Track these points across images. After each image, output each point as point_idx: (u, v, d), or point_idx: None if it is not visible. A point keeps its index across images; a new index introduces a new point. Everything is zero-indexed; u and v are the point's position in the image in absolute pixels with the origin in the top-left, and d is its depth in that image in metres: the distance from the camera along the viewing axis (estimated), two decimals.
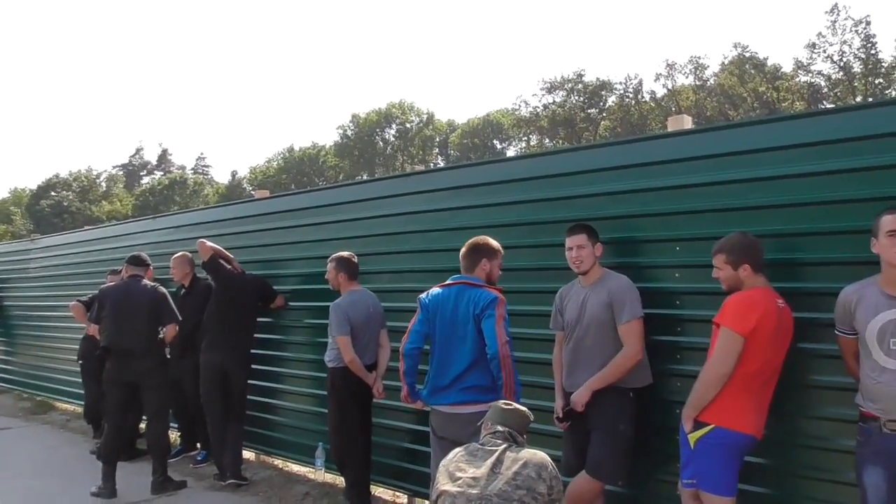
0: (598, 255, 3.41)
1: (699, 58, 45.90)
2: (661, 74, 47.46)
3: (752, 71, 41.78)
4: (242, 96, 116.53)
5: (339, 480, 4.83)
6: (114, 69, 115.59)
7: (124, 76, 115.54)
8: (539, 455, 2.59)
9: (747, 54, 42.08)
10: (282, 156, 65.92)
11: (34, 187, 63.50)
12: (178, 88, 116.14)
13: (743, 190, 3.20)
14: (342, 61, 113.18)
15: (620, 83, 48.43)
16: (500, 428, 2.69)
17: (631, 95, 48.11)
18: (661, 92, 47.39)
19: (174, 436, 6.01)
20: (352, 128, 61.66)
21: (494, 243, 3.64)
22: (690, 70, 45.37)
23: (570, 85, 48.93)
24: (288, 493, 4.99)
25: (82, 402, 7.29)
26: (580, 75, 48.65)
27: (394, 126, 62.53)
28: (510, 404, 2.82)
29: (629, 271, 3.44)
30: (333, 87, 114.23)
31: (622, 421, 3.27)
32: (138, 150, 74.16)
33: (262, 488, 5.16)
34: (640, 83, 48.07)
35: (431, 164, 57.59)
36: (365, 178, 48.70)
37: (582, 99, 49.28)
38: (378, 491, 4.77)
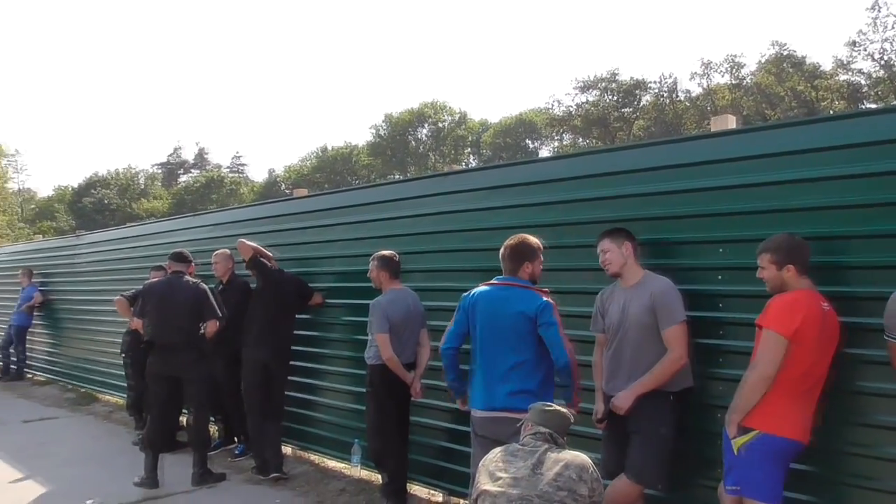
0: (627, 254, 3.38)
1: (736, 56, 45.09)
2: (696, 73, 46.77)
3: (791, 69, 40.89)
4: (277, 96, 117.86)
5: (376, 477, 4.88)
6: (153, 70, 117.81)
7: (163, 77, 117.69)
8: (580, 457, 2.59)
9: (785, 52, 41.22)
10: (315, 155, 66.54)
11: (76, 185, 65.12)
12: (215, 89, 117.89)
13: (788, 191, 3.15)
14: (376, 61, 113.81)
15: (655, 82, 47.87)
16: (540, 429, 2.69)
17: (666, 94, 47.52)
18: (696, 91, 46.71)
19: (213, 429, 6.12)
20: (385, 127, 61.98)
21: (535, 241, 3.62)
22: (727, 69, 44.61)
23: (603, 84, 48.49)
24: (325, 489, 5.05)
25: (125, 395, 7.48)
26: (614, 74, 48.19)
27: (426, 126, 62.69)
28: (551, 406, 2.82)
29: (671, 273, 3.41)
30: (367, 87, 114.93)
31: (663, 424, 3.25)
32: (176, 149, 75.51)
33: (298, 483, 5.23)
34: (675, 82, 47.43)
35: (464, 164, 57.56)
36: (398, 177, 48.93)
37: (616, 98, 48.80)
38: (414, 489, 4.80)
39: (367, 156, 62.93)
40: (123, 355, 7.02)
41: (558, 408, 2.82)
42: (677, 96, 47.50)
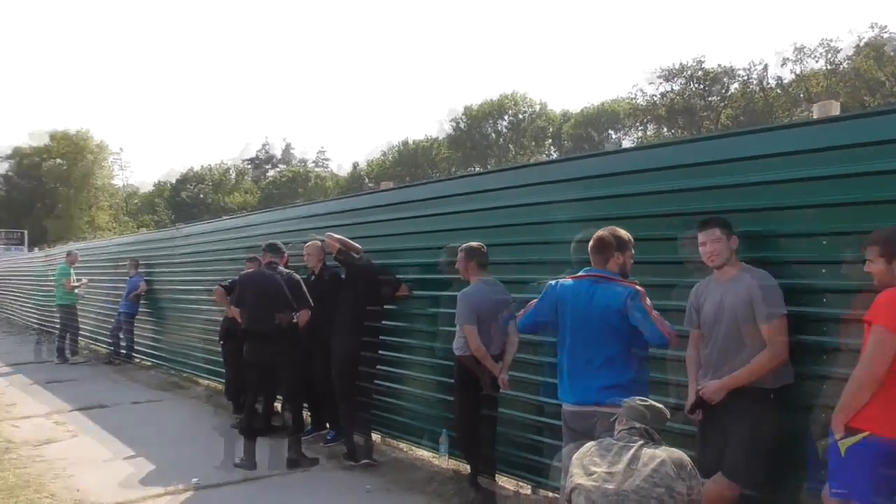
0: (733, 249, 3.28)
1: (831, 40, 42.59)
2: (788, 59, 44.29)
3: (893, 53, 38.26)
4: (360, 92, 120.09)
5: (464, 467, 4.94)
6: (243, 69, 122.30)
7: (252, 75, 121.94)
8: (677, 453, 2.55)
9: (886, 35, 38.57)
10: (397, 149, 67.45)
11: (174, 180, 68.58)
12: (301, 86, 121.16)
13: None
14: (455, 53, 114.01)
15: (744, 69, 45.74)
16: (636, 424, 2.66)
17: (755, 82, 45.39)
18: (788, 77, 44.38)
19: (306, 415, 6.35)
20: (464, 120, 62.08)
21: (625, 234, 3.56)
22: (821, 53, 42.17)
23: (689, 72, 46.75)
24: (413, 477, 5.16)
25: (223, 380, 7.85)
26: (700, 62, 46.35)
27: (506, 117, 62.39)
28: (646, 401, 2.79)
29: (771, 267, 3.29)
30: (447, 80, 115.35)
31: (762, 422, 3.15)
32: (264, 145, 78.25)
33: (387, 471, 5.36)
34: (766, 69, 45.17)
35: (545, 156, 56.96)
36: (478, 169, 48.91)
37: (702, 86, 46.99)
38: (502, 480, 4.83)
39: (446, 149, 63.26)
40: (221, 342, 7.36)
41: (653, 403, 2.78)
42: (767, 83, 45.27)
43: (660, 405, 2.79)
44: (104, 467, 5.50)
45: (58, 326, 12.13)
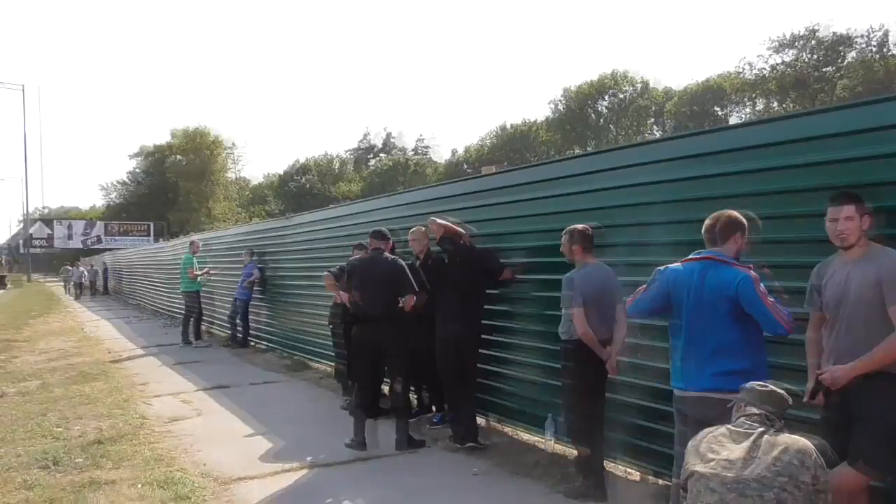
0: (864, 229, 3.04)
1: None
2: None
3: None
4: (459, 78, 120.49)
5: (570, 451, 4.89)
6: (344, 62, 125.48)
7: (353, 67, 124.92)
8: (801, 441, 2.40)
9: None
10: (495, 134, 67.20)
11: (282, 172, 71.60)
12: (401, 75, 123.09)
13: None
14: (554, 35, 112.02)
15: (862, 37, 42.32)
16: (755, 410, 2.53)
17: (874, 50, 41.83)
18: None
19: (413, 397, 6.47)
20: (563, 102, 61.01)
21: (740, 216, 3.41)
22: None
23: (801, 42, 43.73)
24: (519, 460, 5.16)
25: (333, 363, 8.14)
26: (813, 31, 43.24)
27: (607, 98, 60.78)
28: (766, 386, 2.65)
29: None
30: (545, 62, 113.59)
31: (893, 410, 2.92)
32: (365, 135, 79.95)
33: (494, 453, 5.38)
34: (886, 35, 41.56)
35: (646, 135, 55.06)
36: (578, 151, 47.99)
37: (816, 57, 43.83)
38: (610, 466, 4.75)
39: (545, 132, 62.43)
40: (331, 326, 7.63)
41: (774, 388, 2.64)
42: (888, 51, 41.63)
43: (781, 390, 2.64)
44: (226, 444, 5.84)
45: (183, 312, 12.97)
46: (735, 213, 3.41)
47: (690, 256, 3.46)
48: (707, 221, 3.44)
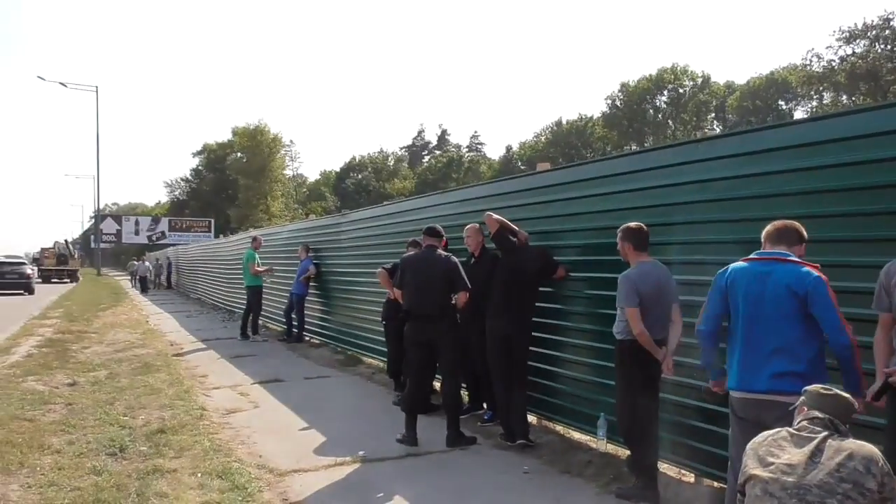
0: None
1: None
2: None
3: None
4: (513, 73, 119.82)
5: (623, 452, 4.82)
6: (398, 58, 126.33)
7: (408, 64, 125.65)
8: (867, 447, 2.30)
9: None
10: (550, 129, 66.66)
11: (338, 169, 72.66)
12: (455, 71, 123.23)
13: None
14: (611, 28, 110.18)
15: None
16: (818, 414, 2.43)
17: None
18: None
19: (463, 394, 6.48)
20: (621, 97, 60.05)
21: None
22: None
23: (874, 32, 41.82)
24: (571, 459, 5.11)
25: (385, 359, 8.22)
26: (888, 20, 41.29)
27: (665, 93, 59.54)
28: (830, 389, 2.54)
29: None
30: (602, 57, 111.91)
31: None
32: (420, 132, 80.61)
33: (544, 452, 5.35)
34: None
35: (706, 131, 53.70)
36: (635, 148, 47.14)
37: (889, 47, 41.84)
38: (663, 467, 4.66)
39: (602, 127, 61.58)
40: (384, 322, 7.70)
41: (839, 392, 2.53)
42: None
43: (846, 395, 2.53)
44: (281, 436, 5.97)
45: (243, 306, 13.28)
46: (799, 227, 3.34)
47: (752, 256, 3.36)
48: (772, 227, 3.36)
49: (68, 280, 40.29)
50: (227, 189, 56.60)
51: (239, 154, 55.10)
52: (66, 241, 44.13)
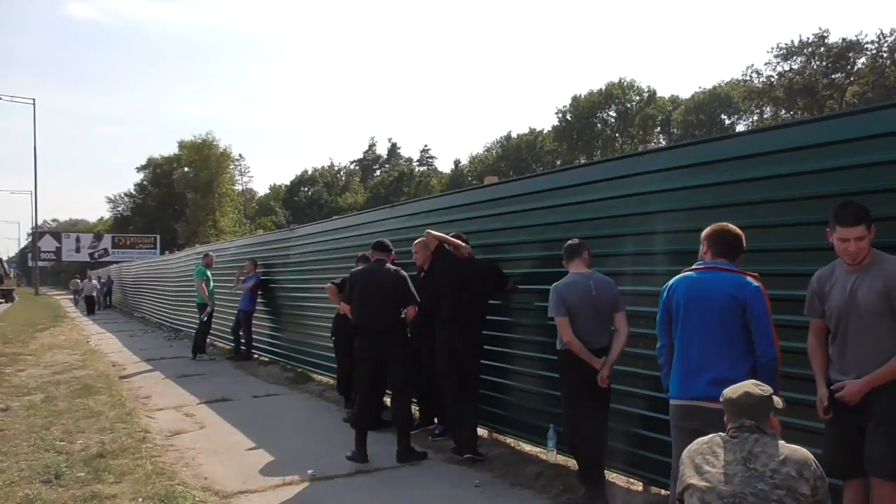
0: (871, 239, 2.99)
1: None
2: None
3: None
4: (463, 87, 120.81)
5: (572, 463, 4.85)
6: (350, 70, 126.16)
7: (359, 76, 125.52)
8: (800, 451, 2.36)
9: None
10: (500, 143, 67.34)
11: (288, 183, 71.88)
12: (404, 85, 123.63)
13: None
14: (560, 43, 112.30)
15: (872, 42, 42.27)
16: (745, 421, 2.47)
17: (885, 55, 41.75)
18: None
19: (414, 409, 6.44)
20: (572, 111, 61.08)
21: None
22: None
23: (810, 49, 43.70)
24: (521, 472, 5.12)
25: (335, 375, 8.12)
26: (822, 37, 43.20)
27: (613, 107, 60.86)
28: (738, 390, 2.56)
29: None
30: (552, 71, 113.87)
31: None
32: (371, 146, 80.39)
33: (495, 465, 5.34)
34: None
35: (652, 144, 55.10)
36: (584, 161, 47.99)
37: (825, 63, 43.76)
38: (612, 476, 4.71)
39: (551, 141, 62.50)
40: (333, 338, 7.61)
41: (748, 390, 2.52)
42: None
43: (758, 390, 2.52)
44: (228, 457, 5.82)
45: (191, 325, 12.92)
46: (736, 228, 3.41)
47: (694, 266, 3.44)
48: (720, 232, 3.40)
49: (3, 300, 38.66)
50: (174, 204, 55.30)
51: (186, 168, 53.92)
52: (0, 259, 42.42)
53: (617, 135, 60.00)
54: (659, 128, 61.41)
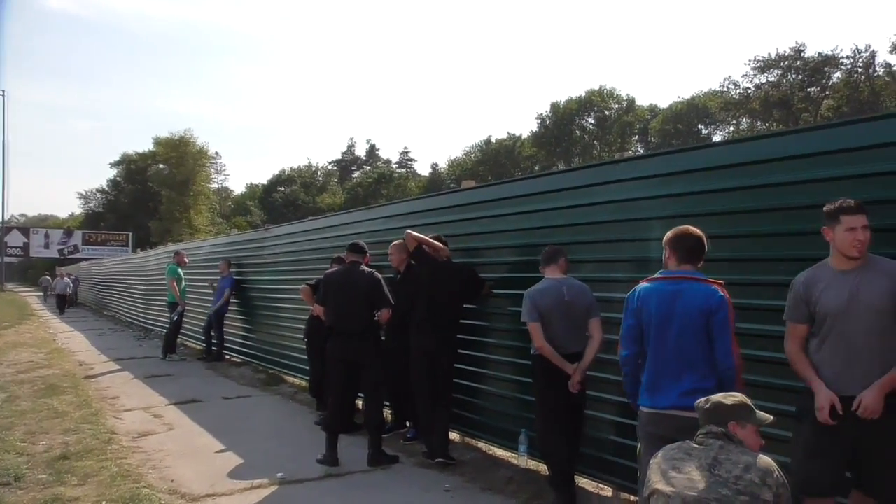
0: None
1: None
2: None
3: None
4: (444, 90, 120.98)
5: (543, 468, 4.85)
6: (329, 69, 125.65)
7: (340, 76, 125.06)
8: (763, 460, 2.39)
9: None
10: (479, 147, 67.49)
11: (265, 182, 71.30)
12: (385, 86, 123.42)
13: None
14: (542, 49, 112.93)
15: (848, 57, 43.21)
16: (714, 428, 2.50)
17: (860, 70, 42.70)
18: None
19: (386, 412, 6.40)
20: (551, 117, 61.43)
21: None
22: None
23: (786, 62, 44.54)
24: (492, 477, 5.11)
25: (307, 378, 8.05)
26: (799, 51, 44.05)
27: (592, 114, 61.34)
28: (708, 401, 2.59)
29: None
30: (534, 77, 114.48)
31: None
32: (350, 147, 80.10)
33: (467, 469, 5.32)
34: (873, 56, 42.49)
35: (631, 152, 55.63)
36: (562, 167, 48.29)
37: (801, 77, 44.63)
38: (582, 482, 4.71)
39: (530, 147, 62.80)
40: (306, 340, 7.54)
41: (720, 400, 2.56)
42: (874, 71, 42.55)
43: (729, 400, 2.56)
44: (196, 460, 5.73)
45: (162, 324, 12.74)
46: (700, 232, 3.42)
47: (658, 275, 3.45)
48: (683, 238, 3.41)
49: None
50: (148, 202, 54.52)
51: (161, 165, 53.24)
52: None
53: (595, 142, 60.47)
54: (637, 136, 62.00)
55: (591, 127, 61.51)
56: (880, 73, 42.36)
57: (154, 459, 5.70)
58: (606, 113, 60.83)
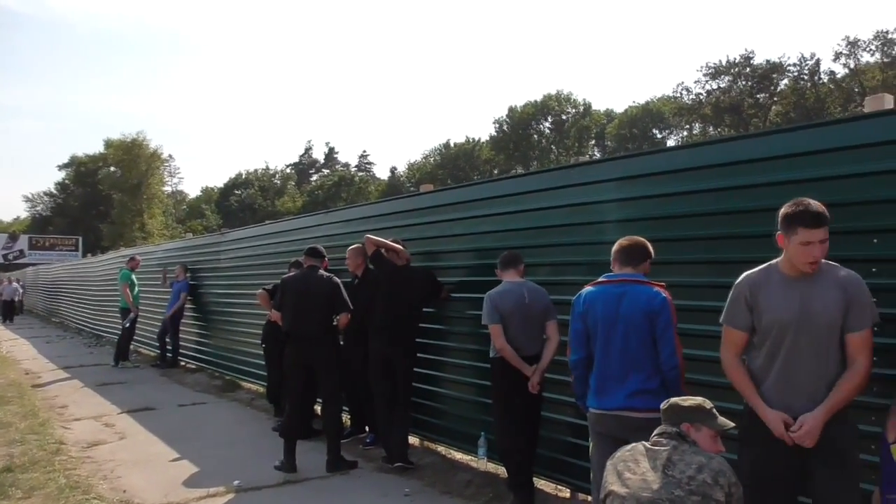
0: None
1: (887, 32, 41.28)
2: (841, 53, 43.09)
3: None
4: (402, 93, 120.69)
5: (502, 470, 4.88)
6: (283, 72, 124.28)
7: (294, 78, 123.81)
8: (716, 460, 2.44)
9: None
10: (438, 151, 67.63)
11: (221, 185, 70.13)
12: (342, 89, 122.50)
13: None
14: (499, 54, 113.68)
15: (794, 65, 44.78)
16: (668, 428, 2.56)
17: (806, 77, 44.24)
18: (841, 72, 43.23)
19: (345, 418, 6.36)
20: (508, 122, 61.91)
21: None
22: (877, 46, 41.00)
23: (736, 69, 45.92)
24: (451, 480, 5.12)
25: (265, 383, 7.94)
26: (748, 58, 45.46)
27: (549, 118, 62.01)
28: (667, 402, 2.66)
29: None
30: (491, 81, 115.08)
31: (855, 446, 2.70)
32: (307, 150, 79.21)
33: (426, 473, 5.33)
34: (818, 63, 44.12)
35: (588, 156, 56.43)
36: (520, 171, 48.71)
37: (750, 83, 46.05)
38: (540, 483, 4.76)
39: (489, 151, 63.19)
40: (264, 345, 7.45)
41: (677, 401, 2.63)
42: (819, 79, 44.14)
43: (687, 403, 2.62)
44: (150, 469, 5.61)
45: (113, 330, 12.41)
46: (644, 241, 3.52)
47: (602, 278, 3.52)
48: (623, 245, 3.51)
49: None
50: (99, 205, 53.17)
51: (113, 168, 51.93)
52: None
53: (553, 146, 61.17)
54: (594, 140, 62.93)
55: (548, 131, 62.20)
56: (825, 81, 43.94)
57: (105, 469, 5.55)
58: (563, 117, 61.60)
